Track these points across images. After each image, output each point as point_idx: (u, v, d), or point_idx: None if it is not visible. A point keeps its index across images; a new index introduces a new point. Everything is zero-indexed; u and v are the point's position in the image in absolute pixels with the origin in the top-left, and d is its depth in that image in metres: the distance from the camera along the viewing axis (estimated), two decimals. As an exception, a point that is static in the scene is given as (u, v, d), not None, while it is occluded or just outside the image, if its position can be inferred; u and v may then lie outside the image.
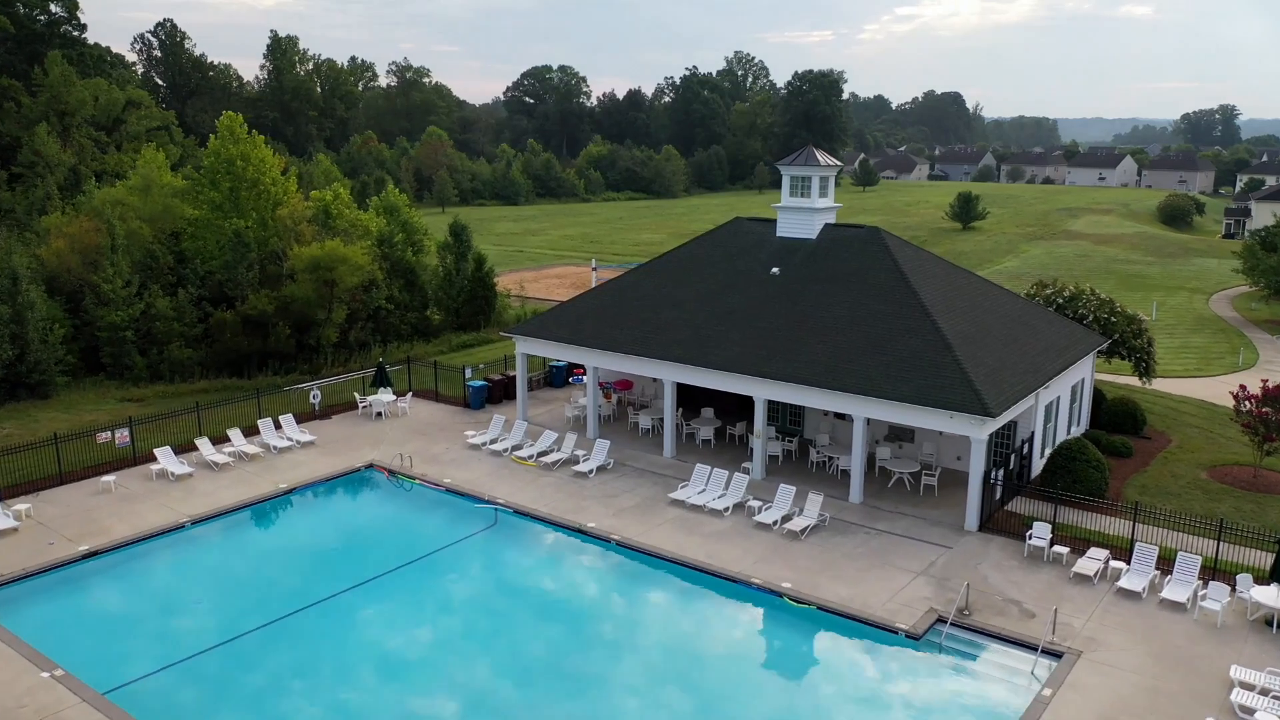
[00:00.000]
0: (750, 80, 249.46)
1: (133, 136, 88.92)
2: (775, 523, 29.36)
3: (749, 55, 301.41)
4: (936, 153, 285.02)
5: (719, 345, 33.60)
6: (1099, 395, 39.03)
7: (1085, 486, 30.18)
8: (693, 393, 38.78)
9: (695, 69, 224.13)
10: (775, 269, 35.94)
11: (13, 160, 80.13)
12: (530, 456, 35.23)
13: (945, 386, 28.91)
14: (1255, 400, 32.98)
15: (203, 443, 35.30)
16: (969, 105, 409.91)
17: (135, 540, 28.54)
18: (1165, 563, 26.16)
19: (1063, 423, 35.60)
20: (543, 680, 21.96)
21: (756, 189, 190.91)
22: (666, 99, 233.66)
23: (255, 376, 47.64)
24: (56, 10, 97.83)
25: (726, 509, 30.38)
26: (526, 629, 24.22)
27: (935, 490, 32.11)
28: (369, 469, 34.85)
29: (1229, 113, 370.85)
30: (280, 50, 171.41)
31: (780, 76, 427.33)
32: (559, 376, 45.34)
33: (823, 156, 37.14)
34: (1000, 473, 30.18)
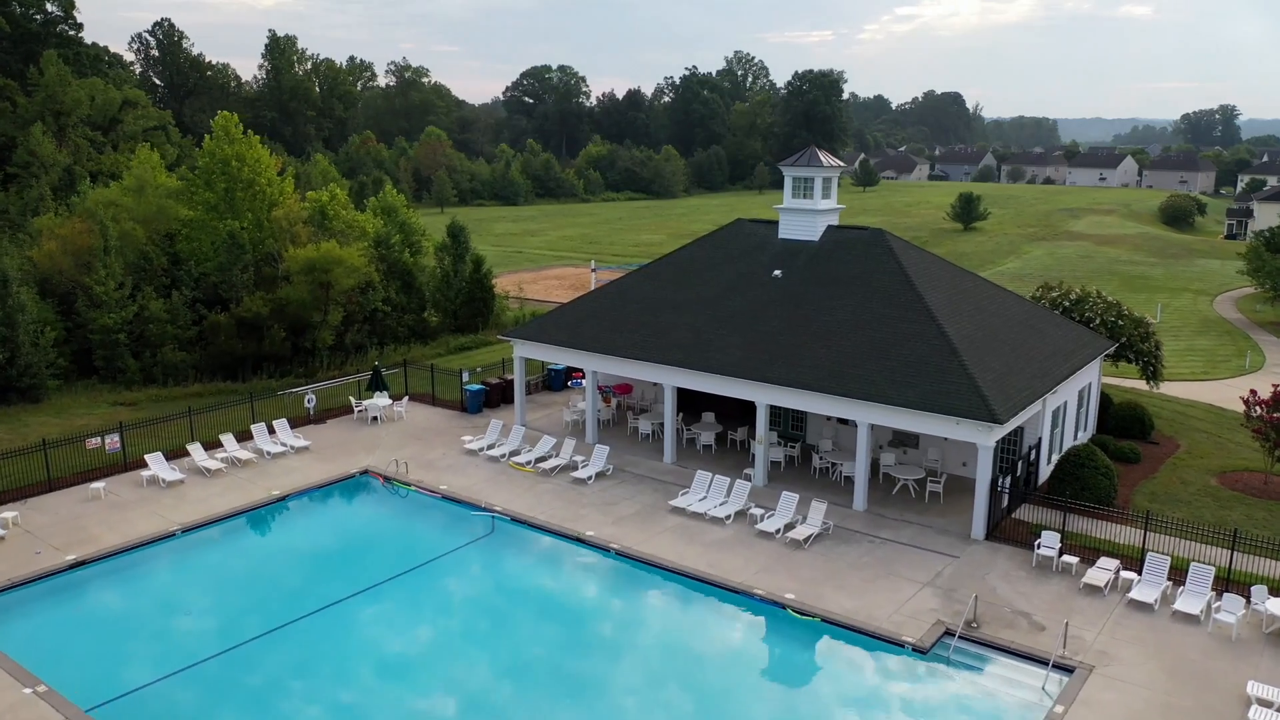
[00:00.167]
0: (750, 80, 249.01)
1: (129, 136, 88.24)
2: (778, 531, 28.76)
3: (749, 55, 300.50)
4: (937, 153, 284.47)
5: (720, 349, 32.99)
6: (1106, 400, 38.41)
7: (1094, 494, 29.59)
8: (693, 397, 38.17)
9: (695, 69, 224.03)
10: (777, 271, 35.34)
11: (7, 160, 79.59)
12: (528, 462, 34.62)
13: (951, 392, 28.31)
14: (1266, 405, 32.41)
15: (195, 448, 34.67)
16: (969, 105, 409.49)
17: (124, 549, 27.91)
18: (1177, 573, 25.57)
19: (1070, 428, 35.00)
20: (540, 697, 21.35)
21: (756, 189, 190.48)
22: (666, 99, 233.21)
23: (250, 380, 47.03)
24: (53, 9, 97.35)
25: (728, 517, 29.78)
26: (522, 644, 23.59)
27: (940, 497, 31.51)
28: (364, 475, 34.23)
29: (1229, 113, 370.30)
30: (279, 50, 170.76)
31: (780, 76, 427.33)
32: (558, 380, 44.73)
33: (825, 157, 36.50)
34: (1007, 480, 29.58)
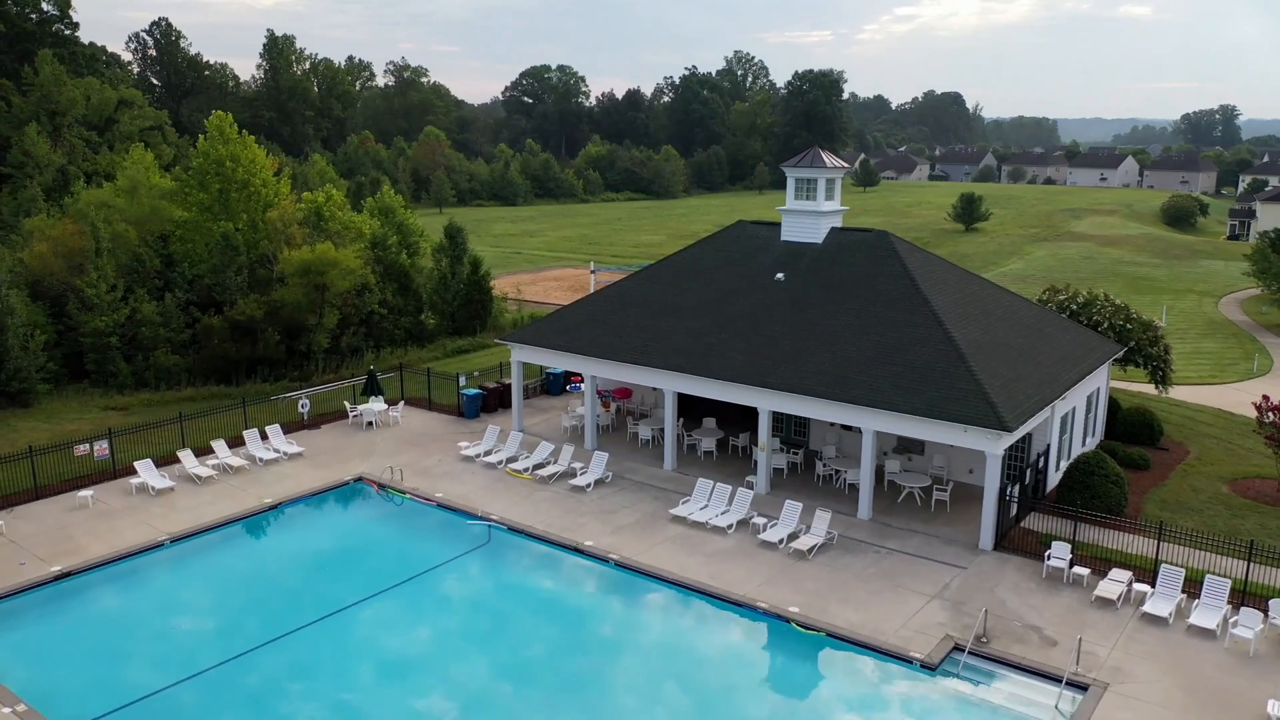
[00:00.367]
0: (750, 80, 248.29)
1: (125, 136, 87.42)
2: (781, 541, 28.08)
3: (749, 55, 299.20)
4: (937, 153, 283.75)
5: (721, 354, 32.31)
6: (1114, 405, 37.73)
7: (1104, 503, 28.89)
8: (694, 402, 37.50)
9: (695, 69, 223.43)
10: (780, 274, 34.66)
11: (2, 161, 78.83)
12: (526, 469, 33.94)
13: (959, 399, 27.64)
14: (1278, 411, 31.76)
15: (185, 455, 34.00)
16: (969, 105, 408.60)
17: (111, 560, 27.23)
18: (1192, 585, 24.89)
19: (1078, 434, 34.32)
20: (538, 711, 20.68)
21: (756, 189, 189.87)
22: (666, 99, 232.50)
23: (244, 384, 46.32)
24: (48, 8, 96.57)
25: (730, 526, 29.09)
26: (518, 661, 22.90)
27: (947, 506, 30.83)
28: (358, 482, 33.54)
29: (1229, 113, 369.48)
30: (277, 49, 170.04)
31: (780, 76, 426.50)
32: (556, 384, 44.04)
33: (829, 158, 35.81)
34: (1015, 488, 28.90)
